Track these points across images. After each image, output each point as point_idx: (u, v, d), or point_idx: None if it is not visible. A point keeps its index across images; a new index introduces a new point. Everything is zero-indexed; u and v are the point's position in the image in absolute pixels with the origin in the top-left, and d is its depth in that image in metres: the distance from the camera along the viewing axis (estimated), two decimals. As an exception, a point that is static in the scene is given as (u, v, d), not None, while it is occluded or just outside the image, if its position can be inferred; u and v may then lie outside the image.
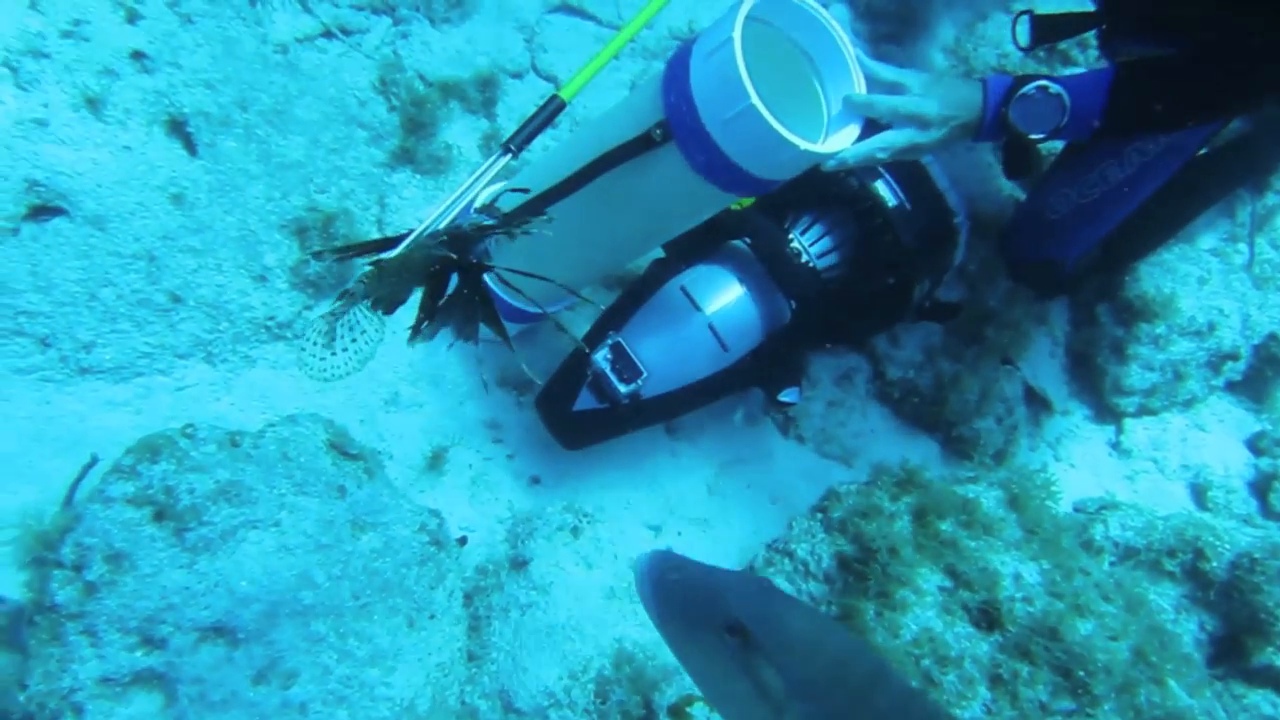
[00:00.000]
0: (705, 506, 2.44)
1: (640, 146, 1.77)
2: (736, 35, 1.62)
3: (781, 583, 2.11)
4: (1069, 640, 1.84)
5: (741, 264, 2.25)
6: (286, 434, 2.10)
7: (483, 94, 2.63)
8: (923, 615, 1.92)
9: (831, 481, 2.44)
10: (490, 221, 1.60)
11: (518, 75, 2.74)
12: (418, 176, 2.50)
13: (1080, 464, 2.61)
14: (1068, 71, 2.98)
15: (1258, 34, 1.61)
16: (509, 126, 2.66)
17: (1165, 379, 2.59)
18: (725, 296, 2.24)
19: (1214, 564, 2.24)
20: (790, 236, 2.26)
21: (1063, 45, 2.87)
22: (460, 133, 2.60)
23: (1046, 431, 2.63)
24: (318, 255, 2.12)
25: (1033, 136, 1.72)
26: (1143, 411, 2.64)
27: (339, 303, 1.71)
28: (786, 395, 2.32)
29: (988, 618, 1.91)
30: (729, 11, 1.69)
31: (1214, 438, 2.64)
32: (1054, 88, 1.70)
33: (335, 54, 2.49)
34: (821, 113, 1.84)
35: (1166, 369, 2.59)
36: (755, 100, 1.61)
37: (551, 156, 2.20)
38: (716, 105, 1.66)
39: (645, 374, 2.17)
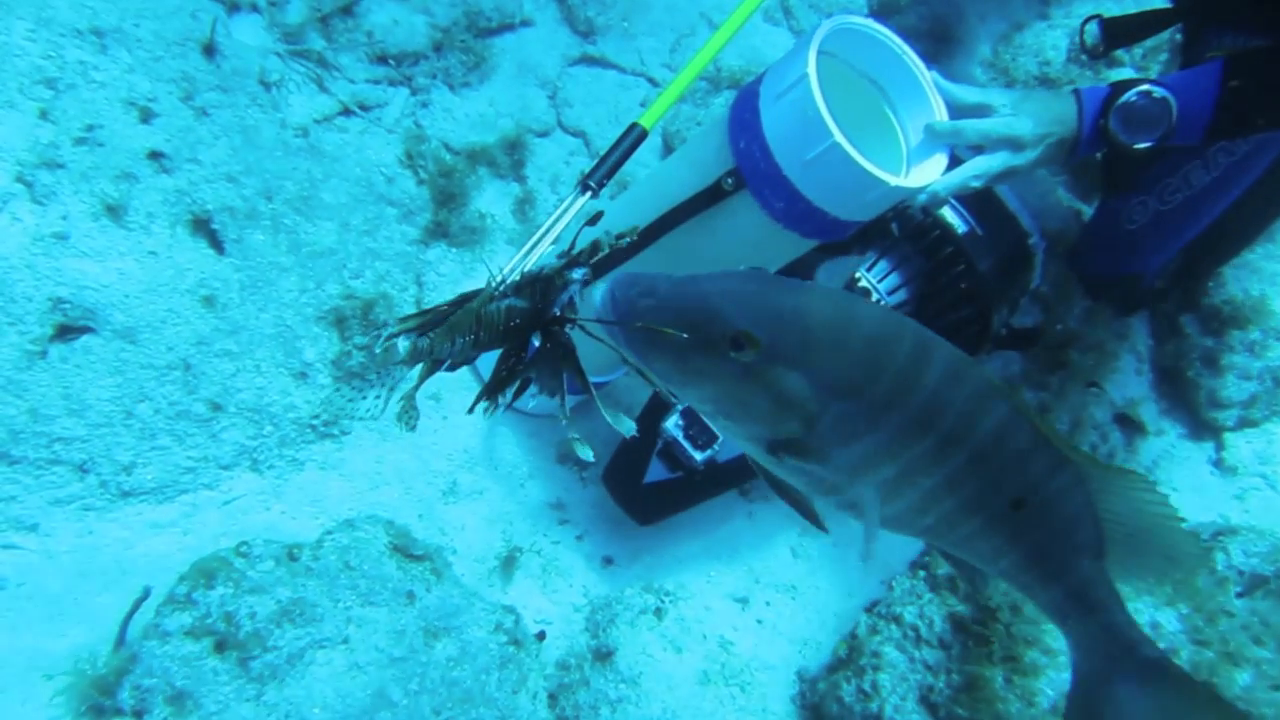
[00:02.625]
0: (791, 571, 2.28)
1: (710, 198, 1.65)
2: (812, 70, 1.50)
3: (891, 651, 1.94)
4: (1226, 695, 1.67)
5: (810, 310, 2.11)
6: (346, 541, 1.97)
7: (511, 157, 2.52)
8: (1058, 678, 1.75)
9: (923, 531, 2.29)
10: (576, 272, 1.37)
11: (544, 134, 2.62)
12: (453, 250, 2.38)
13: (1183, 486, 2.44)
14: (1113, 75, 2.85)
15: None
16: (541, 189, 2.54)
17: (1264, 387, 2.43)
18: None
19: (1354, 586, 2.06)
20: (858, 276, 2.12)
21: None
22: (492, 200, 2.48)
23: (1142, 455, 2.46)
24: (387, 339, 1.89)
25: (1138, 147, 1.58)
26: (1244, 424, 2.47)
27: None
28: (870, 446, 2.17)
29: (1130, 675, 1.74)
30: (798, 47, 1.57)
31: (1323, 445, 2.47)
32: (1158, 91, 1.56)
33: (356, 132, 2.38)
34: (899, 145, 1.71)
35: (1265, 376, 2.42)
36: (839, 137, 1.48)
37: (608, 215, 2.07)
38: (794, 147, 1.54)
39: (721, 437, 2.03)
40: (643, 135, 1.69)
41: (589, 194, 1.60)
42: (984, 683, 1.77)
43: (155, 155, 2.01)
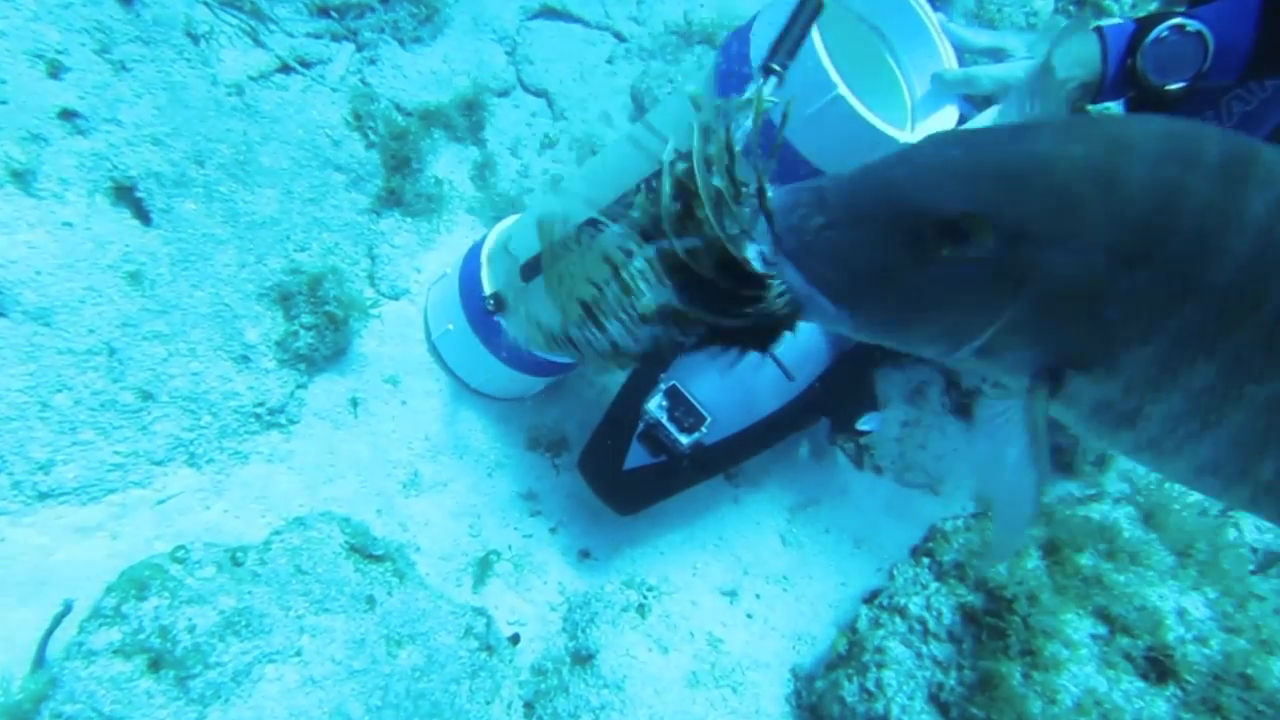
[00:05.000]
0: (782, 560, 2.12)
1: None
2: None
3: (896, 646, 1.80)
4: (1266, 687, 1.54)
5: (801, 280, 1.95)
6: (297, 541, 1.77)
7: (468, 118, 2.32)
8: (1080, 673, 1.62)
9: (919, 513, 2.16)
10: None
11: (504, 93, 2.42)
12: (409, 219, 2.18)
13: (1185, 459, 2.32)
14: (1103, 22, 2.71)
15: None
16: (501, 153, 2.35)
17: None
18: (785, 319, 1.93)
19: (1372, 560, 1.96)
20: None
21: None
22: (450, 164, 2.28)
23: (1142, 427, 2.34)
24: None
25: (1170, 88, 1.43)
26: (1246, 392, 2.36)
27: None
28: (866, 423, 2.02)
29: (1158, 667, 1.61)
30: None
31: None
32: (1192, 25, 1.41)
33: (298, 90, 2.16)
34: (903, 96, 1.55)
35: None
36: (844, 89, 1.31)
37: (578, 186, 1.89)
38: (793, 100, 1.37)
39: (709, 418, 1.86)
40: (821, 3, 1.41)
41: (775, 78, 1.33)
42: (1001, 679, 1.63)
43: (68, 115, 1.78)
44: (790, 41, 1.35)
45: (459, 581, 1.97)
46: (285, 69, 2.14)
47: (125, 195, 1.82)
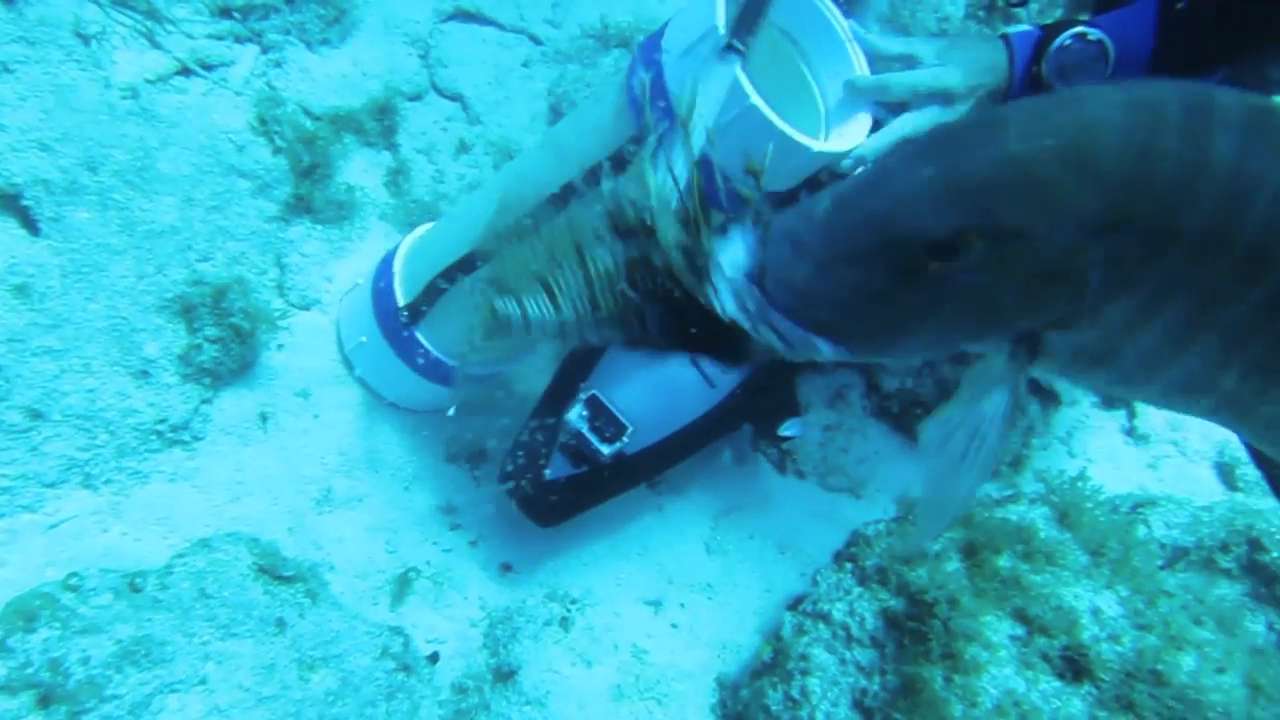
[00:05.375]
0: (707, 569, 2.11)
1: (613, 169, 1.44)
2: (721, 21, 1.31)
3: (820, 653, 1.79)
4: (1175, 682, 1.57)
5: (721, 285, 1.93)
6: (201, 564, 1.70)
7: (380, 122, 2.25)
8: (1000, 675, 1.63)
9: (842, 517, 2.16)
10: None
11: (417, 97, 2.36)
12: (319, 227, 2.11)
13: (1098, 457, 2.38)
14: (1011, 30, 2.76)
15: None
16: (415, 157, 2.29)
17: (1174, 352, 2.38)
18: (705, 325, 1.92)
19: (1274, 554, 2.02)
20: None
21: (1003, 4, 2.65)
22: (361, 170, 2.22)
23: (1056, 426, 2.39)
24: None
25: None
26: (1154, 391, 2.42)
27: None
28: (788, 429, 2.02)
29: (1073, 666, 1.63)
30: None
31: (1230, 409, 2.44)
32: (1093, 33, 1.43)
33: (198, 94, 2.08)
34: (817, 104, 1.54)
35: (1175, 342, 2.38)
36: (756, 99, 1.30)
37: (492, 188, 1.84)
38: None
39: (630, 428, 1.84)
40: None
41: (735, 56, 1.29)
42: (922, 684, 1.63)
43: (-54, 119, 1.69)
44: (750, 19, 1.33)
45: (375, 600, 1.91)
46: (185, 72, 2.06)
47: (10, 204, 1.73)
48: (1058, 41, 1.45)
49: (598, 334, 0.90)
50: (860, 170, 1.06)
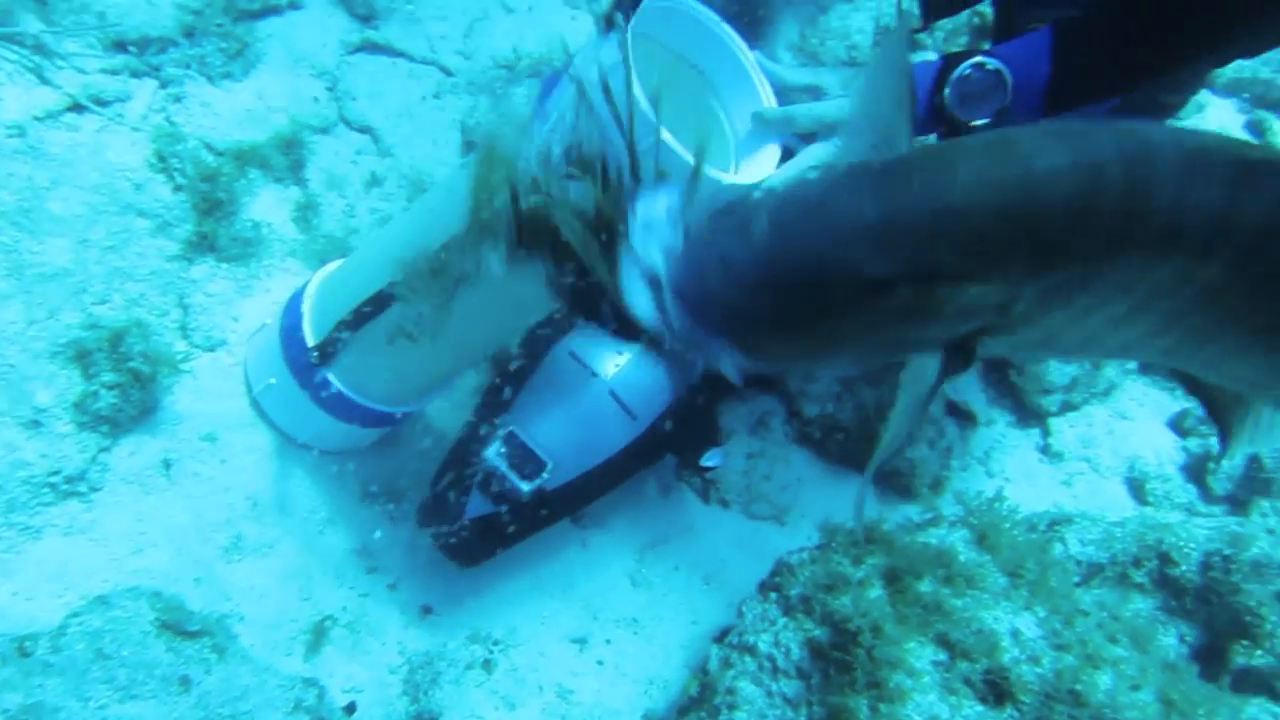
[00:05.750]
0: (632, 603, 2.08)
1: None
2: (628, 54, 1.29)
3: (747, 686, 1.78)
4: (1093, 701, 1.59)
5: (638, 316, 1.92)
6: (98, 623, 1.61)
7: (287, 156, 2.20)
8: (924, 701, 1.63)
9: (767, 545, 2.16)
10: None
11: (325, 130, 2.31)
12: (224, 265, 2.04)
13: (1015, 476, 2.41)
14: (914, 59, 2.82)
15: None
16: (325, 192, 2.23)
17: (1084, 370, 2.44)
18: (624, 355, 1.91)
19: (1184, 568, 2.07)
20: None
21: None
22: (268, 206, 2.16)
23: (974, 447, 2.42)
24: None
25: (975, 124, 1.48)
26: (1066, 408, 2.48)
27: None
28: (709, 459, 2.02)
29: (995, 690, 1.64)
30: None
31: (1139, 425, 2.50)
32: (991, 63, 1.46)
33: (92, 131, 2.00)
34: (726, 136, 1.54)
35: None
36: (664, 133, 1.29)
37: (403, 224, 1.81)
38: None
39: (550, 463, 1.81)
40: None
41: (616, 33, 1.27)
42: (849, 714, 1.62)
43: None
44: None
45: (289, 650, 1.85)
46: (77, 108, 1.98)
47: (-114, 249, 1.64)
48: (958, 71, 1.47)
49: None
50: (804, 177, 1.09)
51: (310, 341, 1.82)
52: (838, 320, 0.84)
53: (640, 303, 0.85)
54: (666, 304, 0.85)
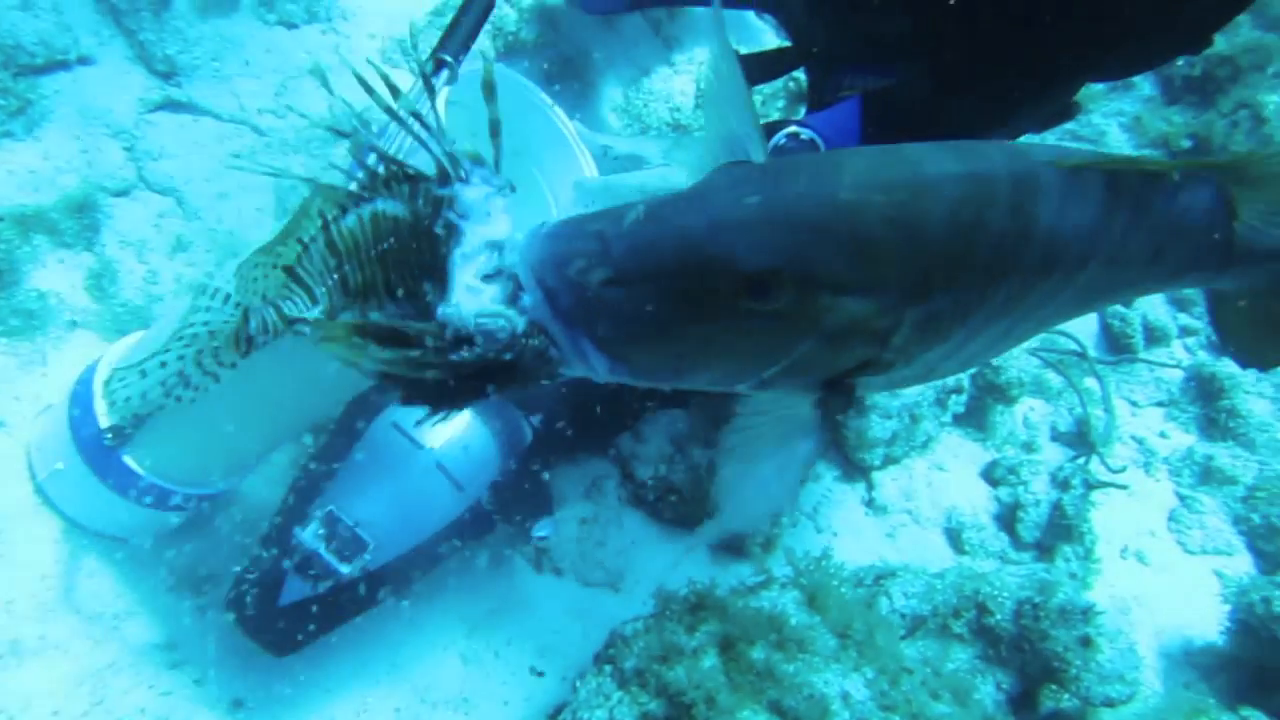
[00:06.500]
0: (463, 682, 2.00)
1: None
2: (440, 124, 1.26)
3: (582, 765, 1.73)
4: (919, 761, 1.62)
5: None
6: None
7: (79, 220, 2.04)
8: (759, 770, 1.62)
9: (602, 613, 2.13)
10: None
11: (123, 193, 2.16)
12: (4, 340, 1.86)
13: (842, 530, 2.47)
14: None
15: (1011, 46, 1.49)
16: (122, 256, 2.08)
17: (903, 424, 2.53)
18: (450, 425, 1.85)
19: (998, 616, 2.16)
20: None
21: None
22: (56, 275, 1.99)
23: (803, 501, 2.47)
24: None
25: None
26: (888, 462, 2.56)
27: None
28: (540, 529, 1.97)
29: (827, 754, 1.66)
30: (419, 95, 1.33)
31: (954, 475, 2.62)
32: (805, 133, 1.50)
33: None
34: (547, 205, 1.53)
35: (903, 414, 2.53)
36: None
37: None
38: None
39: (372, 544, 1.72)
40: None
41: (446, 74, 1.20)
42: (684, 788, 1.60)
43: None
44: (462, 34, 1.29)
45: (79, 765, 1.67)
46: None
47: None
48: (773, 141, 1.51)
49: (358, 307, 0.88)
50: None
51: (104, 422, 1.67)
52: (710, 321, 0.79)
53: (475, 301, 0.79)
54: (523, 296, 0.78)
